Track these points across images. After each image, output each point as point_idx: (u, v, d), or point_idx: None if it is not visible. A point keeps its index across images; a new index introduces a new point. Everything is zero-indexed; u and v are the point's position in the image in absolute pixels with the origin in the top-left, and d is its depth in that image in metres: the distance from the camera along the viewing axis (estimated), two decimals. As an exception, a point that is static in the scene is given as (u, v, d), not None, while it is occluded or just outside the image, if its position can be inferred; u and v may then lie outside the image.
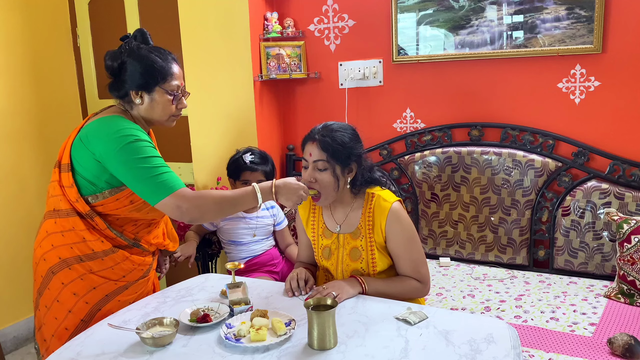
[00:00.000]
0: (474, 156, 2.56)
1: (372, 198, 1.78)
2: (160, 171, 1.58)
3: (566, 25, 2.38)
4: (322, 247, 1.87)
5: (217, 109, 2.85)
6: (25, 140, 3.04)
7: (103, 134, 1.61)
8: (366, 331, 1.46)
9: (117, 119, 1.65)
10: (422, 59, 2.67)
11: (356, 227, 1.79)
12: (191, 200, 1.57)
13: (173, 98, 1.69)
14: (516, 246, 2.52)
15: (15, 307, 2.99)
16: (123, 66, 1.66)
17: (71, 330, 1.71)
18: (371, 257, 1.77)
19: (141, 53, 1.66)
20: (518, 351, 1.36)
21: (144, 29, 1.72)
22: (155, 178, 1.56)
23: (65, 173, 1.67)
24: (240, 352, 1.37)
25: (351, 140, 1.75)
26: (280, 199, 1.65)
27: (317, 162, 1.73)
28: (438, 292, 2.28)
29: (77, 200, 1.66)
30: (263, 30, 2.84)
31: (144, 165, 1.57)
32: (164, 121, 1.73)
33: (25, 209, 3.03)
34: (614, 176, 2.37)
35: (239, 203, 1.63)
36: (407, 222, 1.77)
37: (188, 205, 1.56)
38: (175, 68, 1.70)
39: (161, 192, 1.56)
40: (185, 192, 1.58)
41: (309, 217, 1.91)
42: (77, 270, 1.69)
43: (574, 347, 1.80)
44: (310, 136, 1.76)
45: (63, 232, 1.68)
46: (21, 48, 3.00)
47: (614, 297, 2.14)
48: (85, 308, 1.71)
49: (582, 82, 2.42)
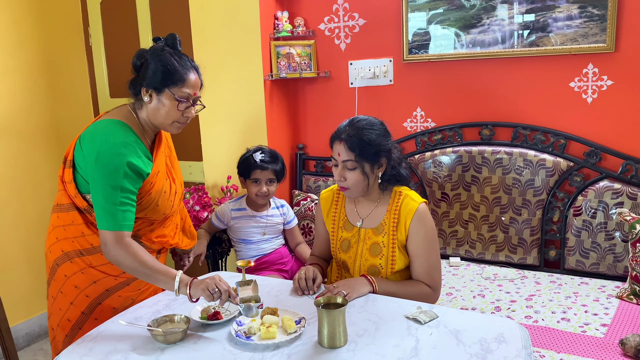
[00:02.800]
0: (485, 156, 2.55)
1: (399, 196, 1.79)
2: (121, 207, 1.60)
3: (578, 24, 2.36)
4: (341, 240, 1.87)
5: (228, 107, 2.86)
6: (38, 138, 3.07)
7: (94, 139, 1.64)
8: (376, 330, 1.46)
9: (116, 128, 1.65)
10: (433, 57, 2.66)
11: (379, 223, 1.80)
12: (117, 247, 1.59)
13: (179, 104, 1.67)
14: (527, 246, 2.50)
15: (28, 304, 3.02)
16: (144, 64, 1.68)
17: (73, 322, 1.76)
18: (391, 254, 1.77)
19: (163, 55, 1.67)
20: (529, 351, 1.35)
21: (175, 34, 1.73)
22: (113, 208, 1.59)
23: (68, 169, 1.72)
24: (250, 350, 1.38)
25: (379, 137, 1.74)
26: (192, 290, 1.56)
27: (345, 162, 1.73)
28: (448, 292, 2.28)
29: (76, 195, 1.70)
30: (273, 29, 2.85)
31: (111, 191, 1.59)
32: (167, 125, 1.71)
33: (38, 206, 3.06)
34: (626, 176, 2.35)
35: (156, 279, 1.61)
36: (431, 225, 1.78)
37: (112, 249, 1.59)
38: (192, 76, 1.68)
39: (108, 223, 1.59)
40: (123, 237, 1.60)
41: (330, 208, 1.92)
42: (77, 263, 1.74)
43: (585, 348, 1.79)
44: (337, 135, 1.75)
45: (64, 226, 1.74)
46: (34, 48, 3.03)
47: (626, 298, 2.13)
48: (85, 301, 1.75)
49: (594, 81, 2.40)
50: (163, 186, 1.76)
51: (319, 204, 1.97)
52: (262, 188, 2.37)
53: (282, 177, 2.45)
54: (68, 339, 1.75)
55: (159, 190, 1.74)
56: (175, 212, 1.90)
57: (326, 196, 1.95)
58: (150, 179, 1.69)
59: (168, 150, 1.88)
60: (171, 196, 1.81)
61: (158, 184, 1.73)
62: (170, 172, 1.85)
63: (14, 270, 2.95)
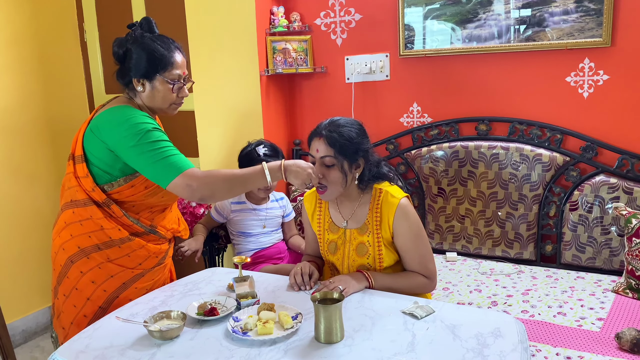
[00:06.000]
0: (481, 151, 2.55)
1: (379, 194, 1.77)
2: (169, 153, 1.62)
3: (575, 18, 2.36)
4: (327, 242, 1.86)
5: (224, 103, 2.85)
6: (33, 134, 3.05)
7: (113, 123, 1.65)
8: (373, 325, 1.46)
9: (125, 109, 1.69)
10: (429, 52, 2.66)
11: (363, 223, 1.79)
12: (201, 179, 1.60)
13: (173, 87, 1.71)
14: (523, 241, 2.51)
15: (24, 300, 3.01)
16: (127, 54, 1.70)
17: (89, 317, 1.77)
18: (378, 253, 1.76)
19: (144, 41, 1.69)
20: (525, 345, 1.35)
21: (149, 17, 1.75)
22: (165, 160, 1.60)
23: (80, 164, 1.71)
24: (247, 346, 1.38)
25: (358, 136, 1.73)
26: (289, 177, 1.65)
27: (324, 158, 1.70)
28: (445, 287, 2.28)
29: (94, 189, 1.70)
30: (269, 25, 2.84)
31: (153, 148, 1.61)
32: (165, 109, 1.77)
33: (34, 203, 3.05)
34: (622, 170, 2.36)
35: (249, 181, 1.65)
36: (415, 219, 1.76)
37: (198, 184, 1.59)
38: (178, 57, 1.72)
39: (171, 173, 1.59)
40: (194, 171, 1.61)
41: (314, 211, 1.90)
42: (95, 259, 1.74)
43: (581, 342, 1.79)
44: (317, 132, 1.74)
45: (81, 222, 1.73)
46: (29, 43, 3.01)
47: (622, 292, 2.13)
48: (103, 296, 1.77)
49: (590, 75, 2.40)
50: None
51: (303, 206, 1.95)
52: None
53: None
54: None
55: None
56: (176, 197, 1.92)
57: (309, 198, 1.92)
58: None
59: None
60: None
61: None
62: None
63: (10, 267, 2.93)
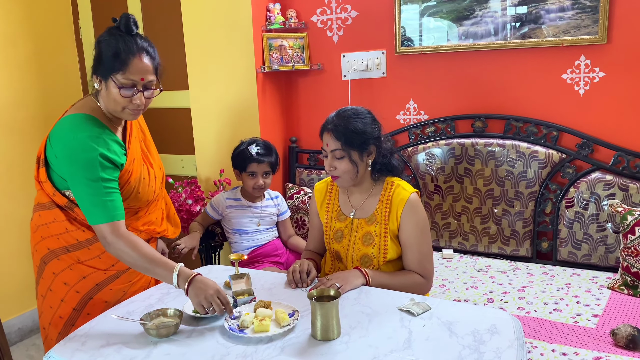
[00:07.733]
0: (478, 148, 2.55)
1: (391, 186, 1.82)
2: (106, 198, 1.57)
3: (571, 15, 2.36)
4: (334, 230, 1.89)
5: (220, 101, 2.85)
6: (28, 133, 3.03)
7: (62, 137, 1.60)
8: (369, 322, 1.46)
9: (82, 122, 1.60)
10: (426, 50, 2.65)
11: (372, 213, 1.82)
12: (118, 240, 1.56)
13: (120, 90, 1.56)
14: (519, 238, 2.51)
15: (20, 299, 3.00)
16: (95, 49, 1.61)
17: (65, 319, 1.74)
18: (383, 244, 1.78)
19: (109, 39, 1.58)
20: (521, 342, 1.36)
21: (130, 15, 1.61)
22: (98, 202, 1.56)
23: (42, 168, 1.69)
24: (243, 343, 1.38)
25: (365, 125, 1.77)
26: (190, 291, 1.51)
27: (334, 151, 1.76)
28: (441, 284, 2.28)
29: (54, 194, 1.68)
30: (265, 22, 2.83)
31: (92, 184, 1.56)
32: (118, 112, 1.62)
33: (29, 200, 2.97)
34: (618, 167, 2.36)
35: (155, 274, 1.58)
36: (422, 215, 1.80)
37: (112, 242, 1.56)
38: (137, 62, 1.56)
39: (99, 217, 1.56)
40: (119, 227, 1.58)
41: (324, 200, 1.94)
42: (65, 260, 1.72)
43: (577, 339, 1.80)
44: (325, 126, 1.80)
45: (48, 224, 1.71)
46: (24, 41, 2.99)
47: (617, 288, 2.14)
48: (76, 297, 1.74)
49: (586, 73, 2.40)
50: (141, 173, 1.73)
51: (313, 196, 1.99)
52: (258, 181, 2.37)
53: (276, 169, 2.46)
54: (61, 337, 1.73)
55: (138, 178, 1.71)
56: (159, 197, 1.87)
57: (320, 188, 1.97)
58: (127, 167, 1.66)
59: (142, 134, 1.82)
60: (151, 182, 1.78)
61: (136, 172, 1.70)
62: (147, 157, 1.81)
63: (6, 265, 2.92)
